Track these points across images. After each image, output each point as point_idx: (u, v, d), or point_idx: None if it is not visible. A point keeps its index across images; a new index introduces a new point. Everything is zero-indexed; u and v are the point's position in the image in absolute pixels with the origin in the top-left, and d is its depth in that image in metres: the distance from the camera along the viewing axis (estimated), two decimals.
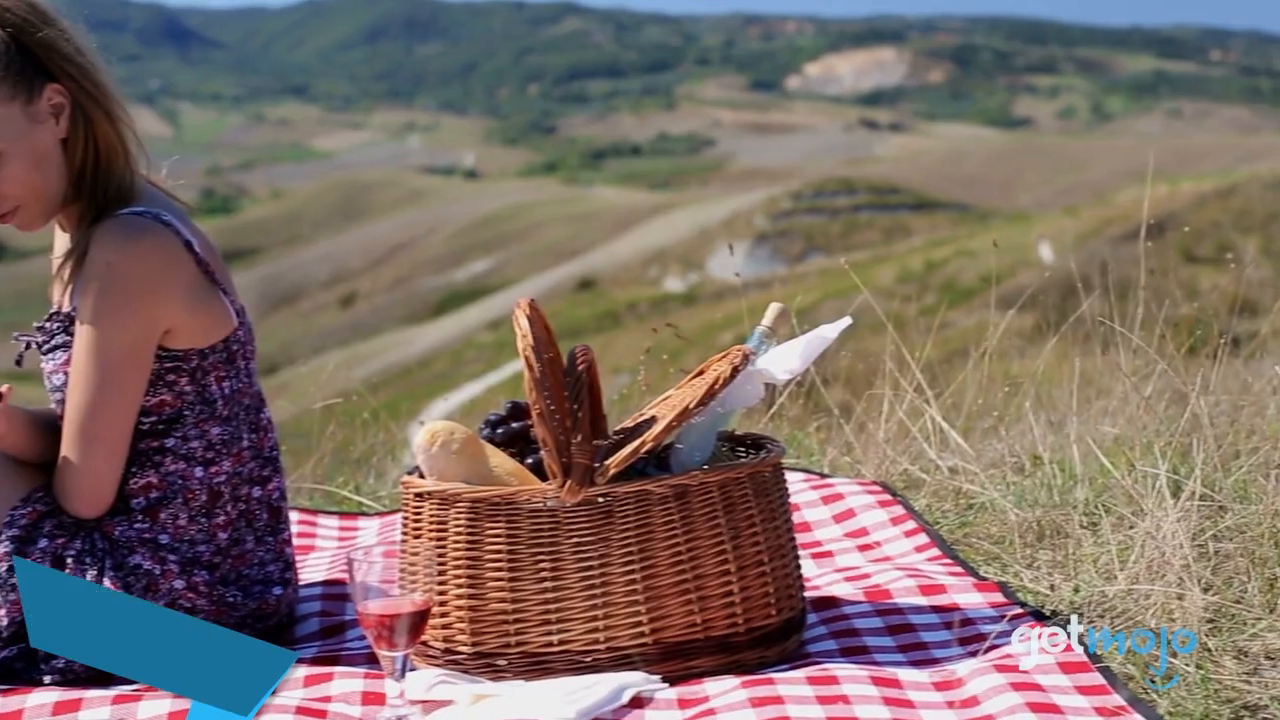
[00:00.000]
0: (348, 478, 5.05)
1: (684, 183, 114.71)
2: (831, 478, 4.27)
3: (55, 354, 3.30)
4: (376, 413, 5.58)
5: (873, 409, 4.89)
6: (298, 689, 3.04)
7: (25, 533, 3.26)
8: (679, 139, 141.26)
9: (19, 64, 3.20)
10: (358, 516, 4.46)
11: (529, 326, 2.98)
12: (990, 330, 5.02)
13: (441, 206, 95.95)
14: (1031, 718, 2.62)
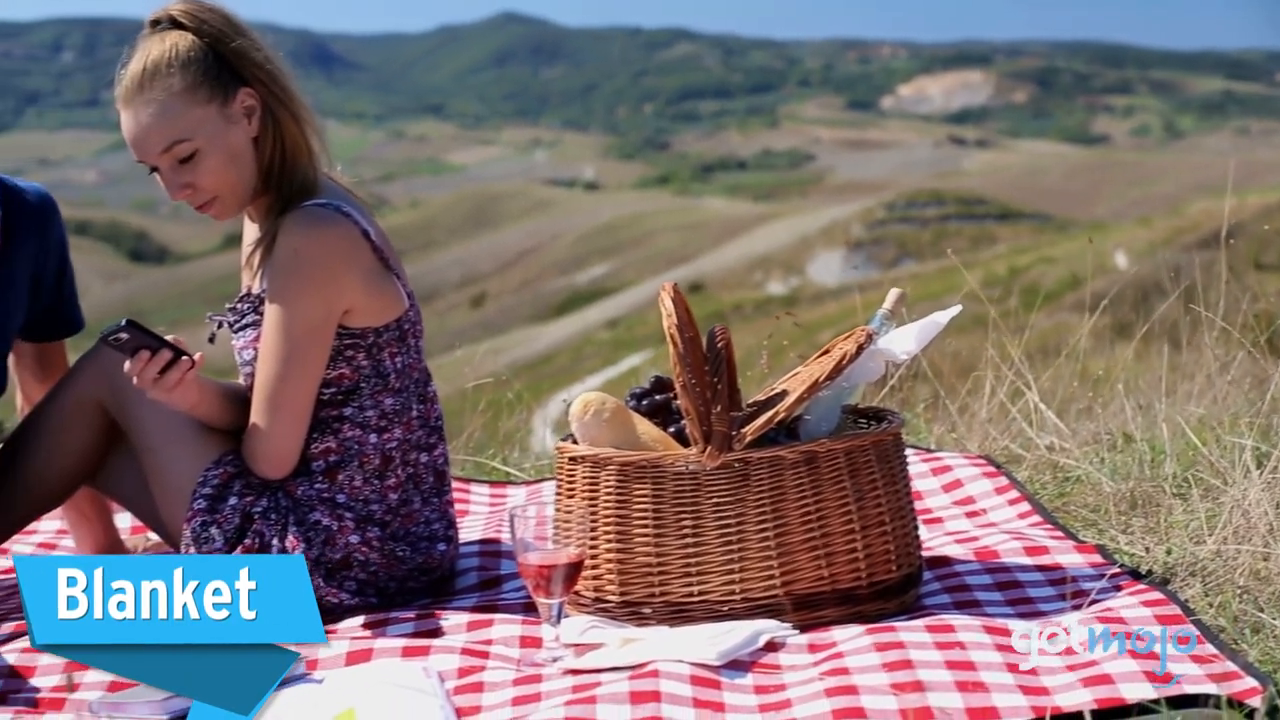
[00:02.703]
0: (496, 450, 5.10)
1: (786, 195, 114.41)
2: (939, 452, 4.28)
3: (245, 332, 3.37)
4: (521, 394, 5.64)
5: (974, 392, 4.91)
6: (461, 633, 3.09)
7: (217, 491, 3.33)
8: (781, 154, 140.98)
9: (215, 70, 3.27)
10: (506, 485, 4.51)
11: (673, 307, 3.02)
12: (1085, 317, 5.02)
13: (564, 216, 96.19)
14: (1132, 664, 2.63)
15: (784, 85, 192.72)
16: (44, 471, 3.58)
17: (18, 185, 3.61)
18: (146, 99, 3.25)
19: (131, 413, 3.43)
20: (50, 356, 3.82)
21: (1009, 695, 2.56)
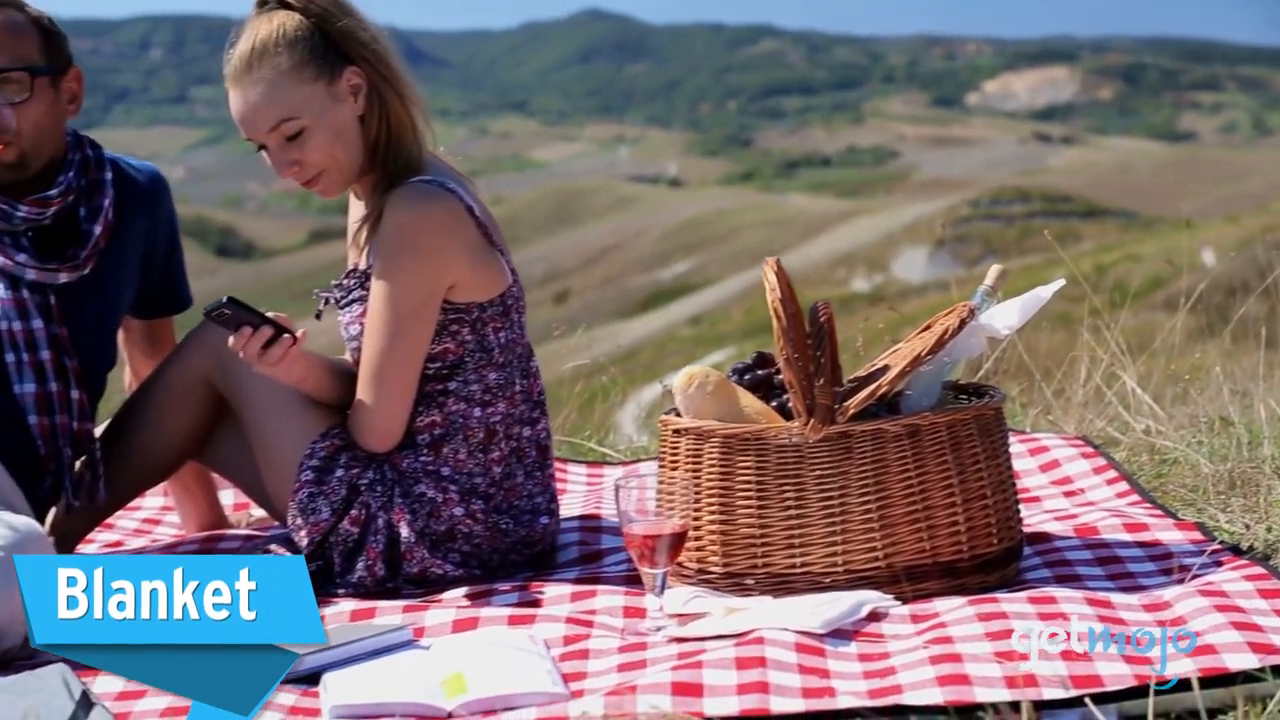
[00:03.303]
0: (592, 432, 5.15)
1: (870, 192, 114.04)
2: (1036, 433, 4.30)
3: (352, 307, 3.42)
4: (616, 379, 5.69)
5: (1069, 374, 4.91)
6: (565, 603, 3.14)
7: (324, 464, 3.39)
8: (866, 151, 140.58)
9: (322, 49, 3.33)
10: (602, 465, 4.55)
11: (777, 282, 3.05)
12: (1181, 303, 5.01)
13: (647, 212, 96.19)
14: (1235, 635, 2.64)
15: (868, 82, 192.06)
16: (151, 446, 3.65)
17: (130, 164, 3.69)
18: (255, 78, 3.31)
19: (239, 388, 3.50)
20: (158, 333, 3.89)
21: (1113, 664, 2.57)
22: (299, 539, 3.38)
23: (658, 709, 2.44)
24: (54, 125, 3.49)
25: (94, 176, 3.57)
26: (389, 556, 3.33)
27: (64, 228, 3.53)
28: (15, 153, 3.42)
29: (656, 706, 2.45)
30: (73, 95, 3.55)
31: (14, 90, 3.41)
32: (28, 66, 3.42)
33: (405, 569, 3.33)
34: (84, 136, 3.61)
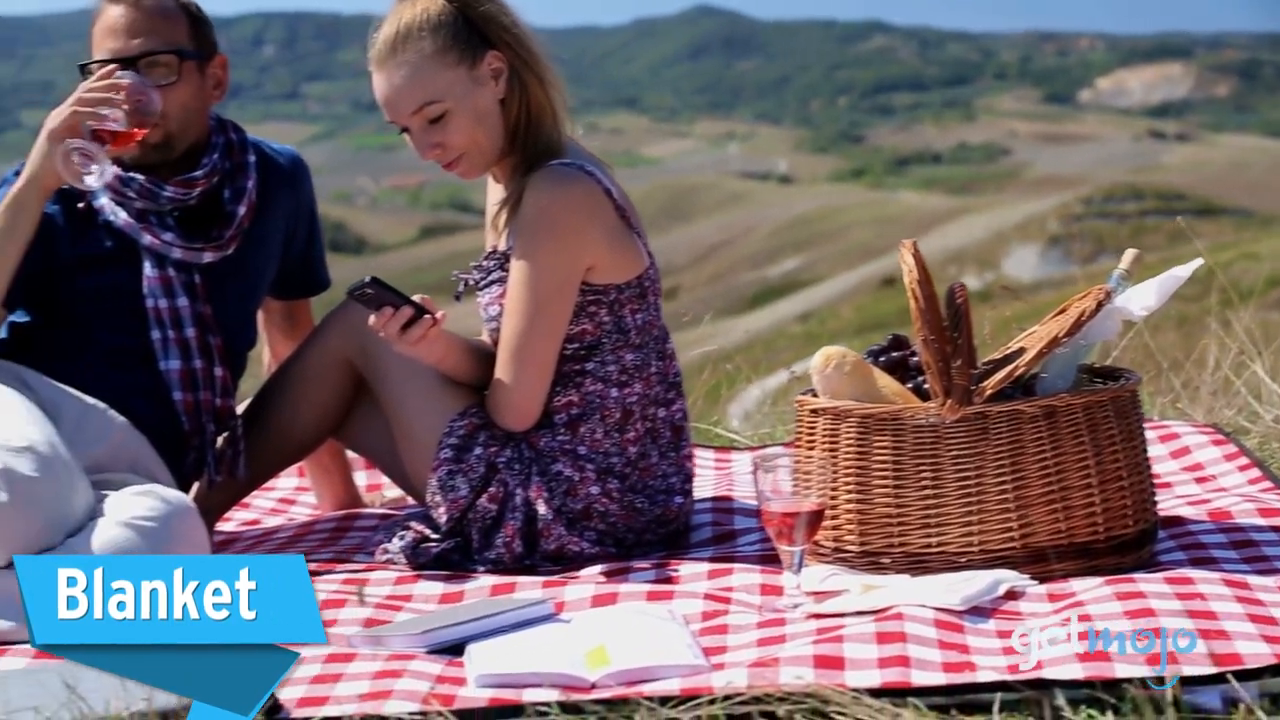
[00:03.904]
0: (720, 418, 5.19)
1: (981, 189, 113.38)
2: (1165, 420, 4.30)
3: (491, 288, 3.48)
4: (741, 368, 5.73)
5: (1199, 362, 4.90)
6: (702, 580, 3.18)
7: (462, 442, 3.44)
8: (977, 148, 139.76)
9: (464, 34, 3.38)
10: (729, 450, 4.59)
11: (914, 263, 3.08)
12: None
13: (757, 209, 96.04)
14: None
15: (980, 78, 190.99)
16: (291, 425, 3.72)
17: (271, 147, 3.76)
18: (399, 62, 3.37)
19: (378, 367, 3.56)
20: (297, 314, 3.97)
21: (1252, 643, 2.58)
22: (438, 516, 3.43)
23: (802, 679, 2.47)
24: (199, 108, 3.57)
25: (238, 159, 3.65)
26: (526, 534, 3.38)
27: (209, 208, 3.61)
28: (161, 133, 3.50)
29: (801, 677, 2.48)
30: (218, 81, 3.62)
31: (162, 73, 3.49)
32: (177, 50, 3.50)
33: (542, 546, 3.38)
34: (227, 121, 3.69)
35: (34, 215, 3.31)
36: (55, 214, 3.50)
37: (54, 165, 3.27)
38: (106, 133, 3.28)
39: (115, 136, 3.30)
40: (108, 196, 3.53)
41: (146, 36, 3.48)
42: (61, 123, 3.27)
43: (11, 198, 3.31)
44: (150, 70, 3.47)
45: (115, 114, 3.29)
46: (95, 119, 3.28)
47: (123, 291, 3.54)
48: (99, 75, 3.34)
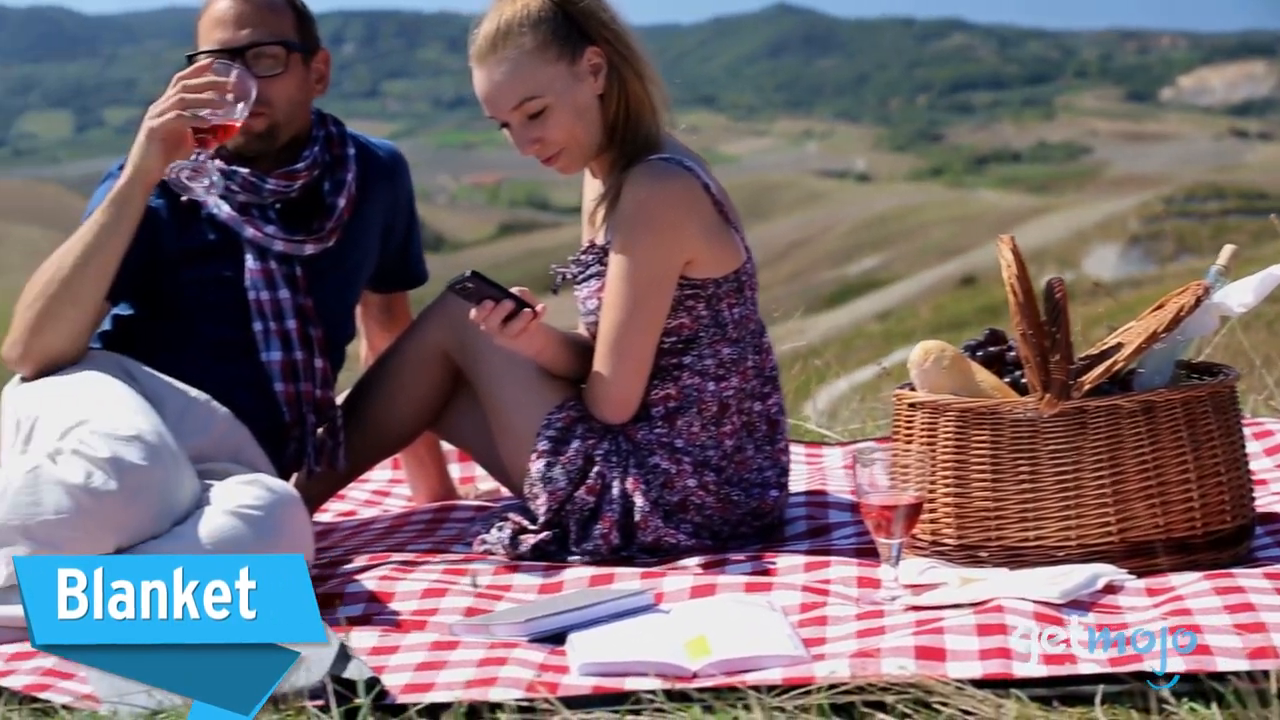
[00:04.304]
0: (808, 415, 5.21)
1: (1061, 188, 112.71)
2: (1259, 417, 4.28)
3: (589, 282, 3.51)
4: (831, 364, 5.74)
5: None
6: (799, 573, 3.19)
7: (560, 434, 3.47)
8: (1057, 147, 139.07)
9: (564, 30, 3.41)
10: (820, 445, 4.60)
11: (1013, 258, 3.09)
12: None
13: (835, 207, 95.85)
14: None
15: (1060, 76, 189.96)
16: (389, 417, 3.76)
17: (370, 142, 3.80)
18: (499, 58, 3.40)
19: (477, 360, 3.60)
20: (395, 308, 4.01)
21: None
22: (536, 507, 3.46)
23: (905, 668, 2.49)
24: (303, 101, 3.61)
25: (338, 152, 3.69)
26: (624, 525, 3.41)
27: (309, 201, 3.65)
28: (265, 123, 3.54)
29: (904, 668, 2.50)
30: (320, 75, 3.66)
31: (269, 64, 3.53)
32: (283, 42, 3.54)
33: (639, 538, 3.40)
34: (327, 115, 3.73)
35: (137, 210, 3.36)
36: (160, 208, 3.54)
37: (155, 163, 3.31)
38: (208, 130, 3.31)
39: (217, 132, 3.33)
40: None
41: (255, 28, 3.52)
42: (162, 125, 3.29)
43: (115, 193, 3.35)
44: (257, 61, 3.51)
45: (215, 109, 3.31)
46: (197, 120, 3.30)
47: (225, 284, 3.58)
48: (194, 70, 3.36)
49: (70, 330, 3.39)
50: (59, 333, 3.39)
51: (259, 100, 3.47)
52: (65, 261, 3.35)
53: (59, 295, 3.35)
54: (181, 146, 3.30)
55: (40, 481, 3.00)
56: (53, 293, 3.36)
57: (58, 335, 3.39)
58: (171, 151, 3.30)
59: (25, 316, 3.40)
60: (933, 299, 52.87)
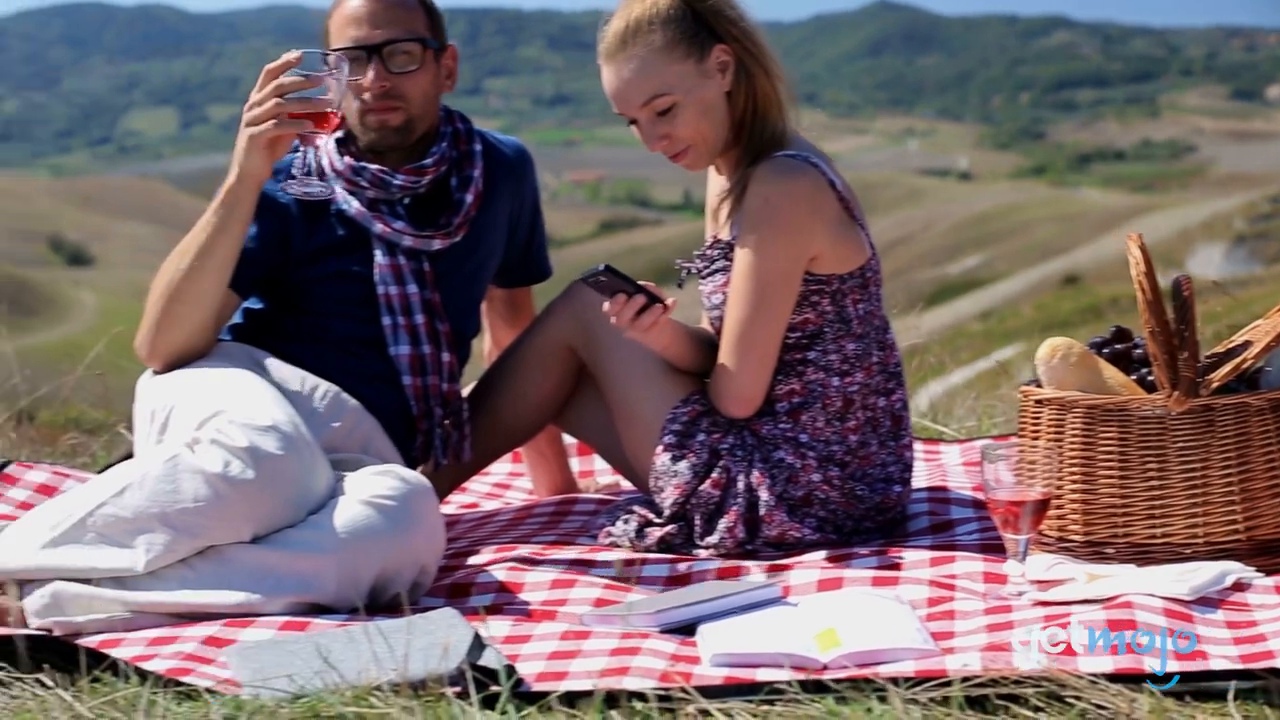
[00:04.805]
0: (927, 411, 5.21)
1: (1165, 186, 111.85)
2: None
3: (715, 277, 3.54)
4: (944, 361, 5.74)
5: None
6: (925, 568, 3.21)
7: (686, 428, 3.51)
8: (1161, 145, 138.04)
9: (693, 28, 3.44)
10: (938, 442, 4.61)
11: (1141, 256, 3.10)
12: None
13: (937, 206, 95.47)
14: None
15: (1164, 74, 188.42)
16: (513, 410, 3.81)
17: (497, 139, 3.85)
18: (628, 55, 3.43)
19: (602, 354, 3.64)
20: (519, 302, 4.06)
21: None
22: (661, 500, 3.50)
23: (1039, 663, 2.50)
24: (435, 96, 3.66)
25: (465, 148, 3.74)
26: (749, 519, 3.43)
27: (437, 197, 3.69)
28: (402, 117, 3.59)
29: (1039, 661, 2.51)
30: (449, 71, 3.71)
31: (404, 60, 3.57)
32: (419, 38, 3.59)
33: (764, 532, 3.43)
34: (454, 111, 3.78)
35: (247, 210, 3.38)
36: (290, 204, 3.59)
37: (260, 166, 3.29)
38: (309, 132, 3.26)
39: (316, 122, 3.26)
40: (341, 186, 3.63)
41: (390, 25, 3.57)
42: (262, 134, 3.25)
43: (224, 195, 3.36)
44: (392, 58, 3.56)
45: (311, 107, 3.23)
46: (293, 127, 3.24)
47: (354, 279, 3.63)
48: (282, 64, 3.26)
49: (191, 328, 3.45)
50: (181, 330, 3.45)
51: (396, 95, 3.52)
52: (182, 262, 3.40)
53: (177, 295, 3.41)
54: (282, 144, 3.29)
55: (179, 470, 3.06)
56: (172, 293, 3.41)
57: (180, 332, 3.45)
58: (273, 152, 3.29)
59: (150, 314, 3.46)
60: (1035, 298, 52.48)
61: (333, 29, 3.60)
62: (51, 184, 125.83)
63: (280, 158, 3.33)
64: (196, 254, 3.38)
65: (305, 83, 3.22)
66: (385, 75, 3.55)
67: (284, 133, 3.23)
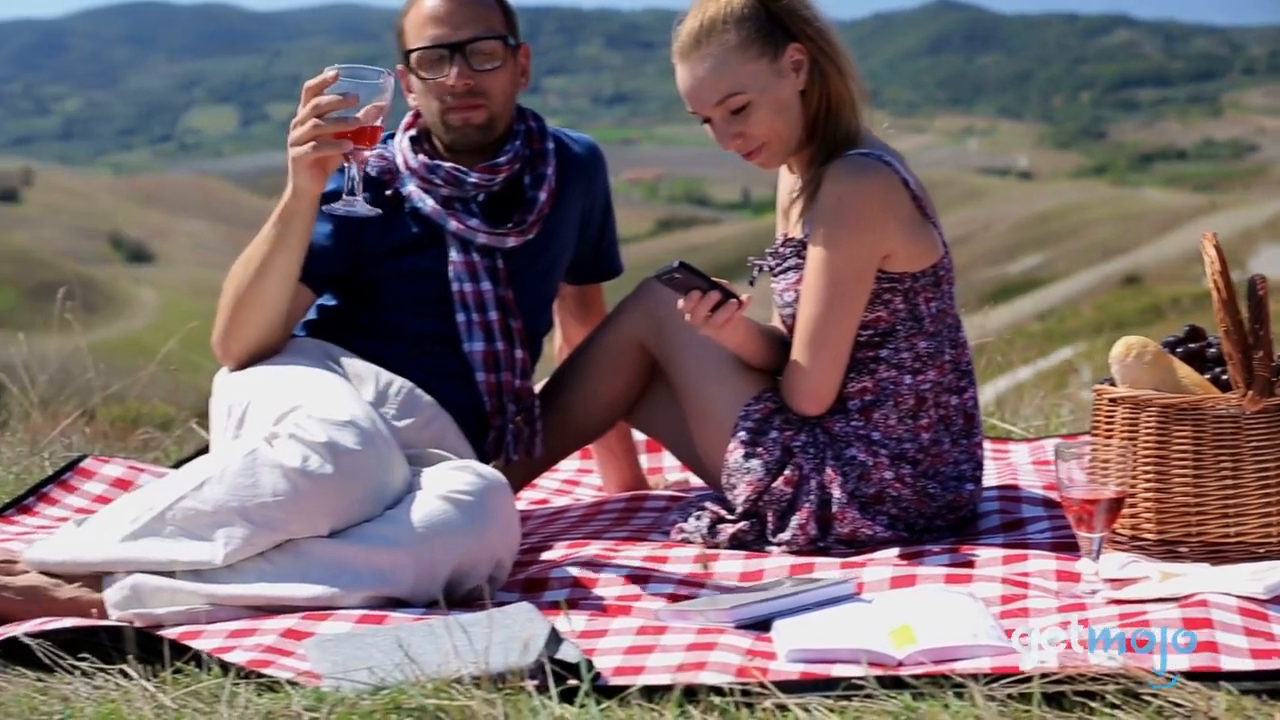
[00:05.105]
0: (994, 410, 5.22)
1: (1228, 186, 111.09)
2: None
3: (787, 275, 3.56)
4: (1012, 360, 5.75)
5: None
6: (998, 565, 3.22)
7: (758, 425, 3.53)
8: (1223, 144, 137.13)
9: (767, 27, 3.46)
10: (1006, 441, 4.62)
11: (1215, 255, 3.10)
12: None
13: (996, 205, 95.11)
14: None
15: (1227, 73, 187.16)
16: (585, 407, 3.84)
17: (569, 136, 3.87)
18: (703, 54, 3.45)
19: (675, 351, 3.66)
20: (589, 299, 4.08)
21: None
22: (733, 497, 3.52)
23: (1115, 660, 2.51)
24: (513, 94, 3.69)
25: (538, 146, 3.76)
26: (821, 516, 3.45)
27: (510, 195, 3.72)
28: (485, 115, 3.62)
29: (1114, 658, 2.52)
30: (524, 69, 3.74)
31: (486, 58, 3.60)
32: (500, 35, 3.62)
33: (836, 529, 3.44)
34: (527, 110, 3.80)
35: (306, 224, 3.39)
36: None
37: (311, 184, 3.29)
38: (352, 150, 3.22)
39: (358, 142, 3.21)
40: (415, 184, 3.66)
41: (472, 24, 3.60)
42: (307, 156, 3.24)
43: (281, 211, 3.37)
44: (474, 56, 3.58)
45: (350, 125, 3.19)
46: (334, 148, 3.21)
47: (428, 276, 3.66)
48: (319, 83, 3.22)
49: (260, 330, 3.49)
50: (251, 332, 3.49)
51: (479, 93, 3.56)
52: (246, 270, 3.44)
53: (244, 301, 3.46)
54: (331, 161, 3.26)
55: (258, 464, 3.10)
56: (238, 299, 3.46)
57: (250, 334, 3.49)
58: (322, 169, 3.27)
59: (221, 316, 3.51)
60: (1095, 298, 52.24)
61: (410, 28, 3.63)
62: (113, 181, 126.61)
63: (331, 171, 3.31)
64: (259, 266, 3.41)
65: (342, 101, 3.18)
66: (469, 73, 3.58)
67: (324, 154, 3.22)
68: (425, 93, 3.64)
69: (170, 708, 2.55)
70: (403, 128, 3.75)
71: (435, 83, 3.59)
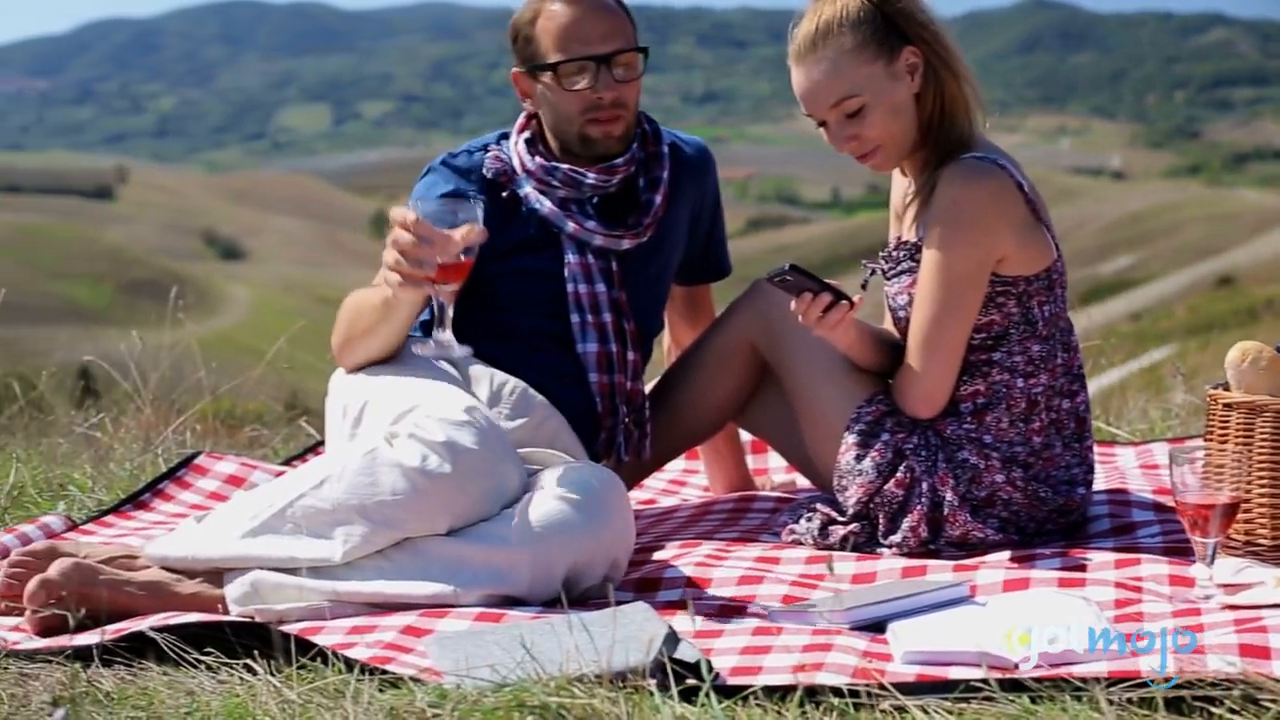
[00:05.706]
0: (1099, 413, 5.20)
1: None
2: None
3: (900, 278, 3.57)
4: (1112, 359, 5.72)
5: None
6: (1110, 570, 3.22)
7: (870, 427, 3.54)
8: None
9: (882, 30, 3.47)
10: (1112, 444, 4.60)
11: None
12: None
13: (1089, 205, 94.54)
14: None
15: None
16: (695, 407, 3.86)
17: (680, 138, 3.90)
18: (818, 57, 3.47)
19: (786, 352, 3.68)
20: (698, 300, 4.10)
21: None
22: (845, 499, 3.53)
23: (1234, 665, 2.51)
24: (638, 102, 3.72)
25: (652, 149, 3.79)
26: (932, 519, 3.46)
27: (623, 196, 3.75)
28: (624, 125, 3.66)
29: (1233, 663, 2.52)
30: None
31: (627, 70, 3.63)
32: (639, 47, 3.65)
33: (947, 532, 3.46)
34: (642, 113, 3.83)
35: (410, 310, 3.44)
36: (483, 204, 3.65)
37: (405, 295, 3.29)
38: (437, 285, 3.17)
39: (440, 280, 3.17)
40: (532, 185, 3.69)
41: (616, 36, 3.63)
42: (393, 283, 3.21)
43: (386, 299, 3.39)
44: (617, 68, 3.61)
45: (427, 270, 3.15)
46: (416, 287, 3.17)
47: (543, 277, 3.69)
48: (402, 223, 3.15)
49: (376, 357, 3.58)
50: (367, 357, 3.59)
51: (620, 104, 3.59)
52: (356, 326, 3.54)
53: (356, 343, 3.57)
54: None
55: (377, 463, 3.14)
56: (352, 338, 3.57)
57: (368, 355, 3.58)
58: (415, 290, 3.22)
59: (338, 330, 3.60)
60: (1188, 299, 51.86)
61: (544, 38, 3.62)
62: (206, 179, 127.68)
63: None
64: (368, 326, 3.52)
65: (418, 250, 3.13)
66: (613, 85, 3.61)
67: (408, 288, 3.20)
68: (561, 102, 3.66)
69: (296, 703, 2.58)
70: (516, 129, 3.78)
71: (577, 94, 3.62)
